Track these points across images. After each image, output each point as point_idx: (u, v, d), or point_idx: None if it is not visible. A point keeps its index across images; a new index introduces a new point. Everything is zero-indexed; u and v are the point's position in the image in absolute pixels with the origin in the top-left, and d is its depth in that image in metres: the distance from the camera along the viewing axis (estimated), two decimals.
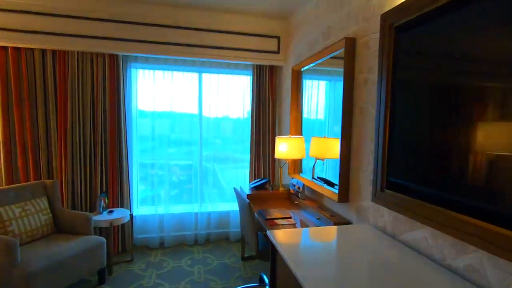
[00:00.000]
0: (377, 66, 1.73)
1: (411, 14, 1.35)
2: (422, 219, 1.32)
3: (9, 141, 2.86)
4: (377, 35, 1.72)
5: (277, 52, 3.35)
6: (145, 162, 3.44)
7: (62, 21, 2.80)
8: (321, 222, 2.15)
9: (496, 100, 1.03)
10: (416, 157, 1.36)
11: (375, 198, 1.59)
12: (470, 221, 1.10)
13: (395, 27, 1.44)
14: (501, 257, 1.01)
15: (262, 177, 3.54)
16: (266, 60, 3.34)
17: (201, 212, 3.56)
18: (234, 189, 2.51)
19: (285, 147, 2.64)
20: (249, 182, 3.58)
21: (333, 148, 2.39)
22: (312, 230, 1.71)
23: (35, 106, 2.90)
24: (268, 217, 2.26)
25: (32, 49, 2.85)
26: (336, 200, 2.10)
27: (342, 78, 2.60)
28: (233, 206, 3.66)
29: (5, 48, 2.78)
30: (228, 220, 3.64)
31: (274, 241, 1.48)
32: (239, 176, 3.70)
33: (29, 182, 2.66)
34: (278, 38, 3.33)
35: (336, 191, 2.18)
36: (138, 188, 3.42)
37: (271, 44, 3.33)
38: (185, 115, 3.52)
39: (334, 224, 1.97)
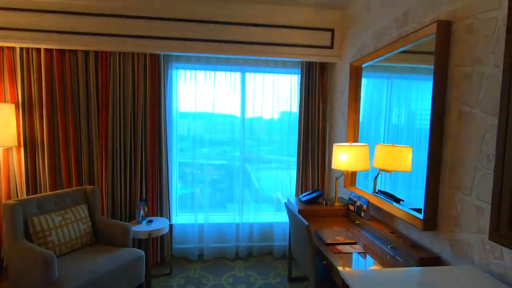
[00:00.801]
0: (489, 56, 1.29)
1: None
2: None
3: (53, 145, 2.81)
4: (491, 14, 1.28)
5: (330, 47, 2.96)
6: (183, 161, 3.27)
7: (103, 21, 2.68)
8: (397, 253, 1.74)
9: None
10: None
11: (497, 236, 1.16)
12: None
13: None
14: None
15: (312, 188, 3.17)
16: (317, 57, 2.97)
17: (242, 223, 3.27)
18: (285, 204, 2.18)
19: (345, 157, 2.25)
20: (295, 192, 3.23)
21: (404, 158, 1.97)
22: (401, 272, 1.31)
23: (78, 109, 2.83)
24: (329, 241, 1.89)
25: (75, 51, 2.77)
26: (417, 225, 1.67)
27: (406, 75, 2.20)
28: (277, 217, 3.33)
29: (50, 51, 2.73)
30: (271, 232, 3.32)
31: None
32: (284, 181, 3.37)
33: (70, 189, 2.57)
34: (332, 31, 2.94)
35: (414, 212, 1.76)
36: (177, 189, 3.24)
37: (324, 38, 2.95)
38: (226, 116, 3.27)
39: (419, 259, 1.55)
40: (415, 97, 2.05)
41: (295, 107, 3.23)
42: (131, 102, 2.88)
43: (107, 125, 2.85)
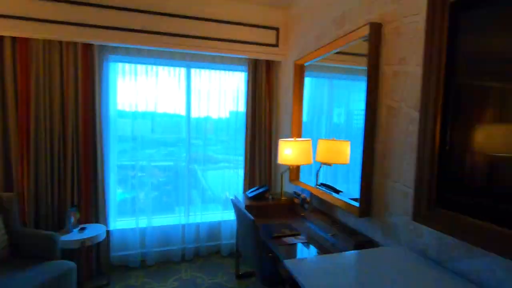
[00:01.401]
0: (412, 56, 1.44)
1: None
2: (485, 245, 1.03)
3: None
4: (413, 19, 1.43)
5: (276, 45, 3.03)
6: (125, 164, 3.02)
7: (22, 2, 2.33)
8: (337, 240, 1.84)
9: None
10: (483, 169, 1.07)
11: (418, 216, 1.29)
12: None
13: (451, 3, 1.15)
14: None
15: (259, 184, 3.20)
16: (263, 54, 3.01)
17: (189, 223, 3.16)
18: (232, 201, 2.16)
19: (290, 152, 2.31)
20: (242, 189, 3.23)
21: (343, 152, 2.11)
22: (339, 256, 1.38)
23: None
24: (275, 234, 1.92)
25: None
26: (354, 213, 1.80)
27: (344, 76, 2.38)
28: (225, 216, 3.29)
29: None
30: (219, 231, 3.27)
31: (299, 279, 1.15)
32: (232, 180, 3.34)
33: None
34: (277, 29, 3.01)
35: (351, 201, 1.89)
36: (116, 193, 2.98)
37: (269, 37, 3.00)
38: (171, 116, 3.12)
39: (356, 244, 1.67)
40: (352, 97, 2.22)
41: (242, 106, 3.23)
42: (59, 97, 2.56)
43: (28, 122, 2.49)
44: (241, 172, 3.27)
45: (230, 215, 3.28)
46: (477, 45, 1.10)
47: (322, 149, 2.24)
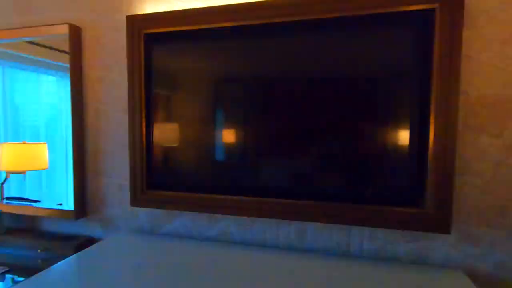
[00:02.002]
0: (115, 66, 1.66)
1: (156, 27, 1.48)
2: (181, 207, 1.54)
3: None
4: (114, 34, 1.64)
5: None
6: None
7: None
8: (50, 253, 1.68)
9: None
10: (164, 156, 1.56)
11: (135, 201, 1.56)
12: (217, 197, 1.48)
13: (145, 34, 1.49)
14: (239, 215, 1.49)
15: None
16: None
17: None
18: None
19: None
20: None
21: (40, 156, 1.94)
22: (55, 268, 1.32)
23: None
24: None
25: None
26: (68, 217, 1.74)
27: (25, 66, 2.11)
28: None
29: None
30: None
31: None
32: None
33: None
34: None
35: (59, 207, 1.81)
36: None
37: None
38: None
39: (75, 248, 1.64)
40: (34, 89, 2.03)
41: None
42: None
43: None
44: None
45: None
46: (161, 65, 1.54)
47: (10, 155, 1.87)
